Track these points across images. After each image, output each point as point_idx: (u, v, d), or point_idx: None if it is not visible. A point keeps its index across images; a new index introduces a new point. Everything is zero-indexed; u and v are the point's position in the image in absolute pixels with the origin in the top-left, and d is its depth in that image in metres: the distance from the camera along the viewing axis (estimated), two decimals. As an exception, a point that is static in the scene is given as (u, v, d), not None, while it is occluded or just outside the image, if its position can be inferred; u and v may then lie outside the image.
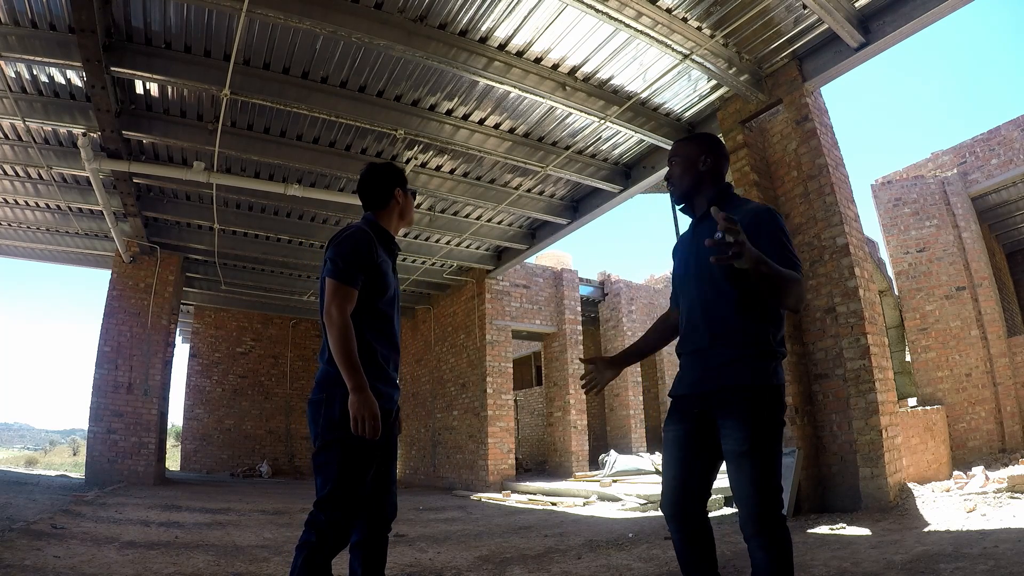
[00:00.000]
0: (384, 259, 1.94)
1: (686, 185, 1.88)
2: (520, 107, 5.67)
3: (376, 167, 2.11)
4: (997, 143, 8.88)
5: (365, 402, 1.70)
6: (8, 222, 8.34)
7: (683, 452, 1.75)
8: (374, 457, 1.81)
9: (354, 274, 1.82)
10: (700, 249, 1.71)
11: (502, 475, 9.41)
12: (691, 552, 1.73)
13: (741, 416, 1.62)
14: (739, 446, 1.61)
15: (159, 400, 8.27)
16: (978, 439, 7.94)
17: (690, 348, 1.78)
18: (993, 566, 2.53)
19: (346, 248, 1.84)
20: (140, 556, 3.40)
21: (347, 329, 1.75)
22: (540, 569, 3.30)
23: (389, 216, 2.08)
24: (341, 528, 1.72)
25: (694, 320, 1.78)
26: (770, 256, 1.57)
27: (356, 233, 1.88)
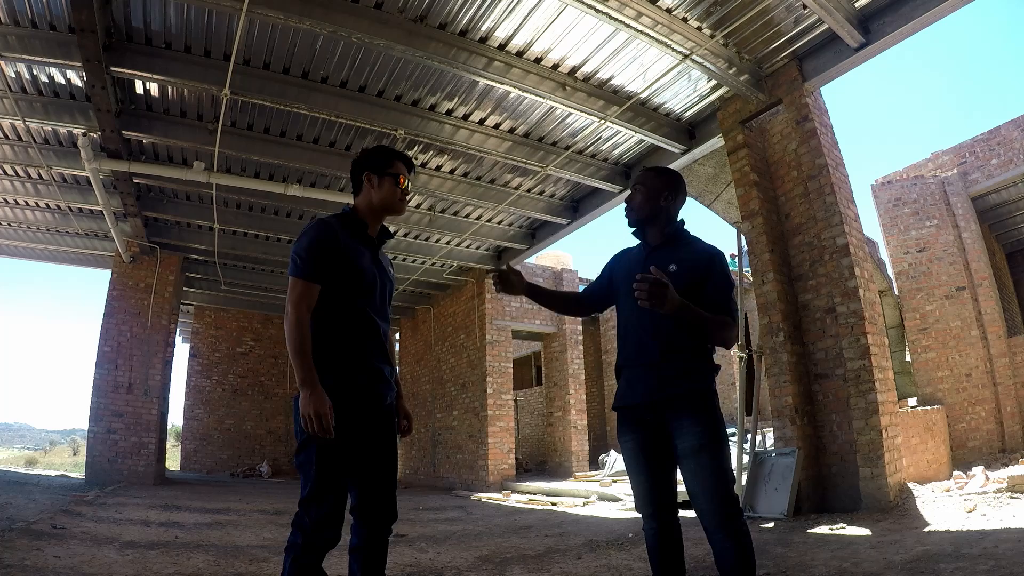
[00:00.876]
0: (354, 249, 1.84)
1: (644, 214, 2.02)
2: (520, 107, 5.67)
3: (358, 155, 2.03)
4: (997, 143, 8.88)
5: (310, 399, 1.63)
6: (8, 222, 8.35)
7: (645, 456, 1.89)
8: (351, 455, 1.75)
9: (310, 269, 1.75)
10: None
11: (502, 475, 9.41)
12: (664, 549, 1.85)
13: (696, 414, 1.80)
14: (698, 440, 1.77)
15: (159, 400, 8.27)
16: (978, 439, 7.94)
17: (642, 361, 1.91)
18: (993, 566, 2.53)
19: (303, 243, 1.78)
20: (140, 556, 3.40)
21: (298, 325, 1.70)
22: (540, 569, 3.30)
23: (364, 203, 1.95)
24: (325, 528, 1.67)
25: (643, 337, 1.91)
26: (711, 298, 1.85)
27: (315, 226, 1.81)
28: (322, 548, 1.68)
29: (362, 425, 1.77)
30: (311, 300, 1.74)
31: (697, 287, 1.87)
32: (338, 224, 1.86)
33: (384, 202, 1.94)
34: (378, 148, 2.00)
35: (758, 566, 2.94)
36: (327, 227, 1.81)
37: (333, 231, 1.81)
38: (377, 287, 1.89)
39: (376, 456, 1.83)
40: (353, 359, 1.79)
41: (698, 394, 1.82)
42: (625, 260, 2.10)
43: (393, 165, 1.95)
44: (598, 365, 13.90)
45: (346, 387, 1.75)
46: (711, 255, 1.94)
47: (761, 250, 5.07)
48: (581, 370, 10.92)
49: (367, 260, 1.87)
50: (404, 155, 2.02)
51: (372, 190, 1.93)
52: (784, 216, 5.27)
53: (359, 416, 1.76)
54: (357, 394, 1.77)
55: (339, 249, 1.79)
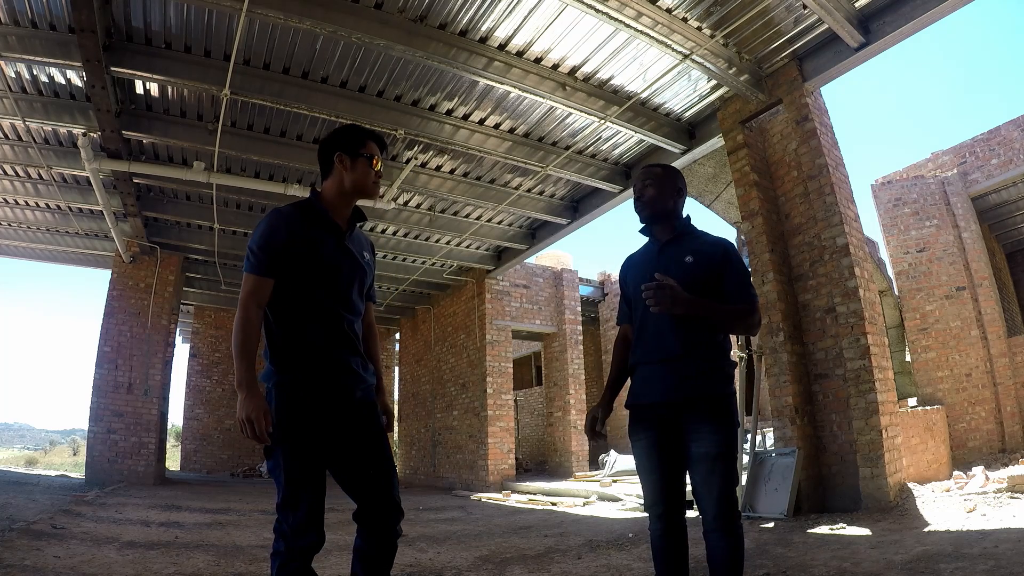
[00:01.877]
0: (312, 237, 1.72)
1: (658, 208, 2.02)
2: (520, 107, 5.67)
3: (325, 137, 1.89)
4: (997, 143, 8.88)
5: (244, 403, 1.53)
6: (8, 222, 8.35)
7: (659, 455, 1.87)
8: (319, 455, 1.65)
9: (260, 262, 1.65)
10: (668, 268, 1.91)
11: (502, 475, 9.41)
12: (669, 549, 1.86)
13: (717, 422, 1.80)
14: (715, 448, 1.78)
15: (159, 400, 8.27)
16: (978, 439, 7.94)
17: (658, 357, 1.89)
18: (993, 566, 2.53)
19: (254, 236, 1.69)
20: (140, 556, 3.40)
21: (243, 322, 1.61)
22: (540, 569, 3.30)
23: (332, 187, 1.83)
24: (304, 532, 1.59)
25: (663, 333, 1.89)
26: (732, 288, 1.88)
27: (267, 218, 1.71)
28: (305, 552, 1.61)
29: (328, 422, 1.66)
30: (261, 296, 1.65)
31: (715, 278, 1.90)
32: (295, 213, 1.75)
33: (356, 185, 1.82)
34: (349, 127, 1.88)
35: (758, 566, 2.96)
36: (278, 217, 1.70)
37: (285, 221, 1.70)
38: (342, 276, 1.76)
39: (354, 454, 1.71)
40: (313, 353, 1.68)
41: (719, 400, 1.82)
42: (637, 261, 2.10)
43: (366, 145, 1.84)
44: (598, 365, 13.90)
45: (306, 383, 1.65)
46: (724, 246, 1.96)
47: (761, 250, 5.07)
48: (581, 370, 10.92)
49: (329, 248, 1.75)
50: (377, 134, 1.89)
51: (344, 172, 1.81)
52: (784, 216, 5.27)
53: (323, 413, 1.65)
54: (319, 390, 1.66)
55: (293, 239, 1.68)
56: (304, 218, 1.75)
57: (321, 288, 1.71)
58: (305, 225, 1.73)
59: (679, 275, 1.87)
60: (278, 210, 1.74)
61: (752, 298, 1.90)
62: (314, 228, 1.74)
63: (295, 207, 1.78)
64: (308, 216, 1.76)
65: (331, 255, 1.74)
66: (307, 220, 1.75)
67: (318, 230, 1.75)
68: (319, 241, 1.73)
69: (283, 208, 1.76)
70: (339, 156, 1.82)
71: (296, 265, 1.68)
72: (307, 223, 1.74)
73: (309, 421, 1.63)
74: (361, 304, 1.84)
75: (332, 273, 1.74)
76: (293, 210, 1.76)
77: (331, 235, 1.77)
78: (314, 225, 1.75)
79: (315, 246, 1.72)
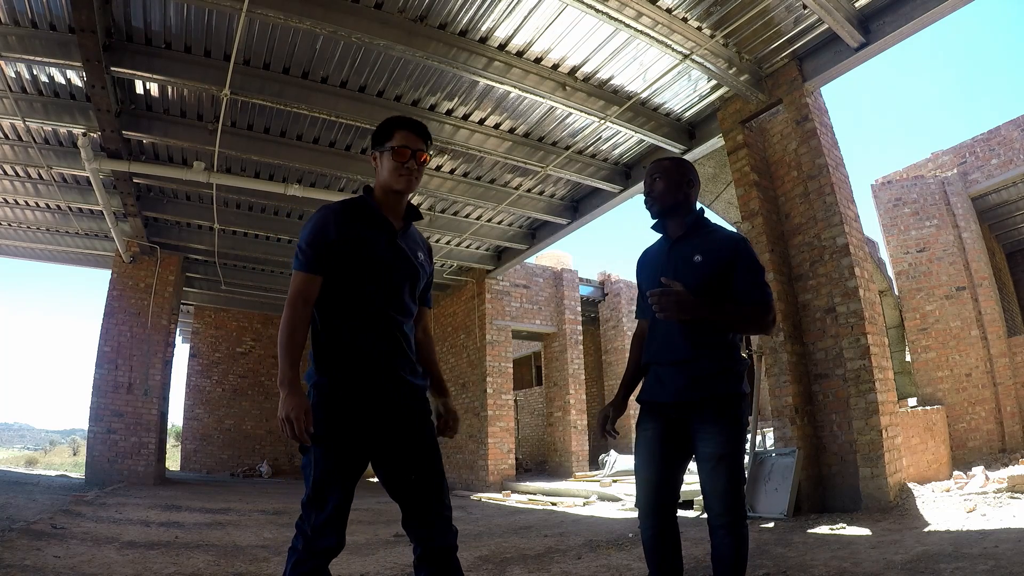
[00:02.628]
0: (361, 235, 1.67)
1: (669, 202, 1.97)
2: (520, 107, 5.67)
3: None
4: (997, 143, 8.88)
5: (285, 401, 1.51)
6: (8, 222, 8.35)
7: (659, 452, 1.88)
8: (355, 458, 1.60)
9: (308, 259, 1.62)
10: (677, 267, 1.90)
11: (502, 475, 9.41)
12: (662, 548, 1.85)
13: (722, 423, 1.80)
14: (719, 449, 1.78)
15: (159, 400, 8.27)
16: (978, 439, 7.93)
17: (669, 359, 1.89)
18: (993, 566, 2.52)
19: (304, 233, 1.66)
20: (140, 556, 3.40)
21: (289, 320, 1.60)
22: (540, 569, 3.30)
23: (377, 184, 1.78)
24: (325, 534, 1.55)
25: (672, 333, 1.88)
26: (743, 287, 1.84)
27: (315, 215, 1.68)
28: (323, 554, 1.56)
29: (366, 426, 1.61)
30: (309, 294, 1.62)
31: (725, 277, 1.86)
32: (345, 209, 1.70)
33: (384, 180, 1.73)
34: (384, 121, 1.77)
35: (758, 566, 2.96)
36: (328, 214, 1.66)
37: (335, 217, 1.66)
38: (392, 275, 1.69)
39: (396, 459, 1.65)
40: (355, 354, 1.63)
41: (727, 400, 1.81)
42: (650, 258, 2.07)
43: (392, 136, 1.72)
44: (598, 365, 13.89)
45: (346, 384, 1.61)
46: (735, 242, 1.90)
47: (761, 250, 5.07)
48: (581, 370, 10.92)
49: (380, 246, 1.68)
50: (411, 122, 1.75)
51: (377, 168, 1.75)
52: (784, 216, 5.27)
53: (361, 416, 1.60)
54: (358, 392, 1.61)
55: (343, 236, 1.64)
56: (355, 215, 1.69)
57: (369, 287, 1.65)
58: (356, 222, 1.68)
59: (688, 276, 1.85)
60: (328, 207, 1.70)
61: (765, 297, 1.84)
62: (365, 225, 1.69)
63: (346, 204, 1.73)
64: (359, 213, 1.71)
65: (381, 253, 1.68)
66: (358, 217, 1.69)
67: (369, 227, 1.69)
68: (370, 239, 1.68)
69: (334, 204, 1.71)
70: (372, 154, 1.79)
71: (345, 263, 1.63)
72: (358, 220, 1.69)
73: (345, 423, 1.59)
74: (413, 306, 1.76)
75: (382, 272, 1.67)
76: (344, 207, 1.71)
77: (383, 233, 1.71)
78: (365, 222, 1.69)
79: (365, 244, 1.66)
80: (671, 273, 1.90)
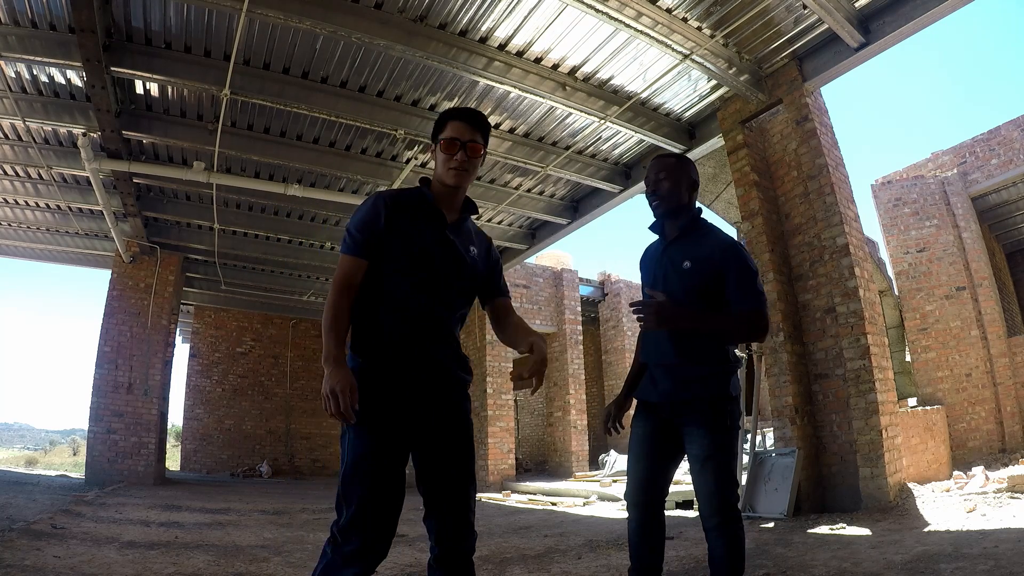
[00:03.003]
0: (412, 225, 1.63)
1: (674, 202, 1.95)
2: (520, 107, 5.67)
3: None
4: (997, 143, 8.88)
5: (330, 376, 1.45)
6: (8, 222, 8.35)
7: (651, 448, 1.92)
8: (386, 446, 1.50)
9: (356, 243, 1.59)
10: (667, 273, 1.93)
11: (502, 475, 9.41)
12: (646, 540, 1.88)
13: (708, 425, 1.82)
14: (705, 451, 1.81)
15: (159, 400, 8.27)
16: (978, 439, 7.93)
17: (660, 362, 1.93)
18: (993, 566, 2.52)
19: (354, 217, 1.65)
20: (140, 556, 3.40)
21: (334, 302, 1.55)
22: (540, 569, 3.30)
23: (434, 176, 1.74)
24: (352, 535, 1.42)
25: (661, 337, 1.90)
26: (735, 293, 1.82)
27: (369, 199, 1.66)
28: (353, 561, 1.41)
29: (396, 415, 1.52)
30: (353, 276, 1.58)
31: (714, 284, 1.84)
32: (398, 197, 1.66)
33: (439, 173, 1.70)
34: (441, 113, 1.77)
35: (758, 566, 2.96)
36: (380, 201, 1.63)
37: (386, 204, 1.62)
38: (435, 266, 1.62)
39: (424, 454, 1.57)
40: (389, 342, 1.56)
41: (713, 402, 1.83)
42: (648, 258, 2.09)
43: (444, 128, 1.70)
44: (598, 365, 13.89)
45: (382, 368, 1.54)
46: (727, 247, 1.87)
47: (761, 250, 5.07)
48: (581, 370, 10.92)
49: (427, 237, 1.63)
50: (465, 112, 1.71)
51: (435, 162, 1.72)
52: (784, 216, 5.27)
53: (390, 405, 1.52)
54: (395, 376, 1.54)
55: (392, 224, 1.60)
56: (407, 204, 1.66)
57: (411, 277, 1.60)
58: (407, 211, 1.64)
59: (676, 283, 1.88)
60: (381, 193, 1.67)
61: (757, 303, 1.82)
62: (416, 215, 1.65)
63: (400, 192, 1.70)
64: (412, 202, 1.67)
65: (429, 245, 1.63)
66: (410, 206, 1.66)
67: (419, 218, 1.65)
68: (418, 229, 1.63)
69: (387, 192, 1.69)
70: (430, 147, 1.77)
71: (391, 251, 1.60)
72: (410, 209, 1.65)
73: (380, 406, 1.51)
74: (460, 301, 1.69)
75: (427, 263, 1.61)
76: (397, 195, 1.67)
77: (432, 224, 1.66)
78: (416, 212, 1.66)
79: (413, 234, 1.62)
80: (661, 278, 1.93)
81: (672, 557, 3.39)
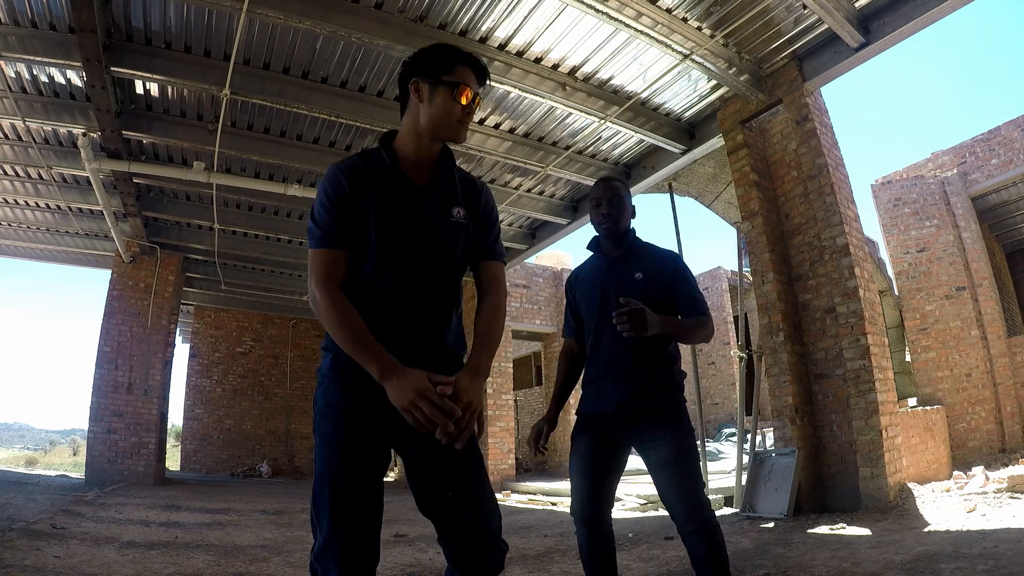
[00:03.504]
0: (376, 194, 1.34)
1: (625, 225, 2.07)
2: (520, 107, 5.67)
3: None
4: (997, 143, 8.88)
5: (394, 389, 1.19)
6: (8, 222, 8.35)
7: (595, 463, 1.93)
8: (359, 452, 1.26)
9: (326, 233, 1.31)
10: (620, 286, 1.96)
11: (502, 475, 9.41)
12: (598, 552, 1.91)
13: (673, 428, 1.86)
14: (674, 454, 1.83)
15: (159, 400, 8.27)
16: (978, 439, 7.93)
17: (615, 371, 1.94)
18: (993, 566, 2.52)
19: (314, 205, 1.36)
20: (140, 556, 3.40)
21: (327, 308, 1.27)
22: (540, 569, 3.30)
23: (408, 124, 1.39)
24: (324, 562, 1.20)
25: (618, 348, 1.92)
26: (685, 300, 1.95)
27: (325, 178, 1.36)
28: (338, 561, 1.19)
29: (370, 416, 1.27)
30: (335, 270, 1.30)
31: (665, 294, 1.96)
32: (356, 164, 1.37)
33: (434, 123, 1.36)
34: (438, 46, 1.40)
35: (758, 566, 2.96)
36: (337, 174, 1.34)
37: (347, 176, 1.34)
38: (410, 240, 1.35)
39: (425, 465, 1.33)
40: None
41: (672, 408, 1.90)
42: (585, 277, 2.13)
43: (453, 71, 1.36)
44: (598, 365, 13.89)
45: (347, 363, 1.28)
46: (671, 258, 2.03)
47: (761, 250, 5.07)
48: (581, 370, 10.91)
49: (397, 206, 1.36)
50: (472, 58, 1.40)
51: (420, 105, 1.36)
52: (784, 216, 5.26)
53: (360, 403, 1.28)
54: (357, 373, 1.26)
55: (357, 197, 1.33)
56: (368, 170, 1.37)
57: (380, 255, 1.34)
58: (368, 179, 1.35)
59: (631, 293, 1.92)
60: (336, 166, 1.37)
61: (705, 309, 1.96)
62: (379, 181, 1.36)
63: (358, 157, 1.40)
64: (372, 167, 1.38)
65: (397, 215, 1.35)
66: (371, 172, 1.37)
67: (384, 184, 1.36)
68: (383, 198, 1.35)
69: (341, 163, 1.38)
70: (415, 83, 1.37)
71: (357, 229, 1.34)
72: (371, 176, 1.36)
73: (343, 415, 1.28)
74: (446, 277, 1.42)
75: (396, 236, 1.35)
76: (355, 162, 1.38)
77: (401, 189, 1.37)
78: (379, 178, 1.36)
79: (377, 204, 1.34)
80: (613, 291, 1.97)
81: (672, 557, 3.40)
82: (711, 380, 13.93)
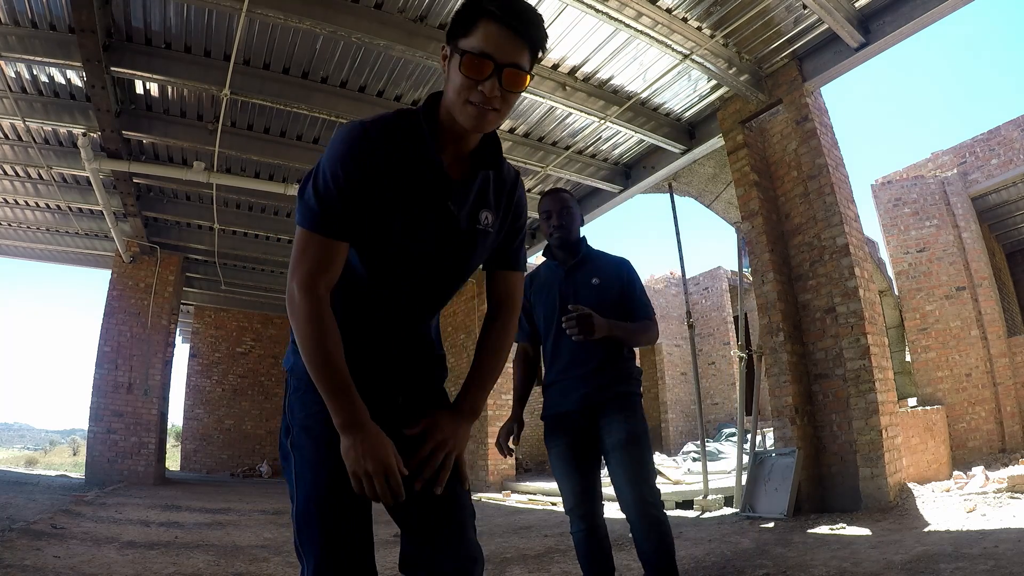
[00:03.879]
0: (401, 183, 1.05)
1: (576, 234, 2.18)
2: (520, 107, 5.67)
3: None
4: (997, 143, 8.88)
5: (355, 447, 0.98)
6: (8, 222, 8.35)
7: (575, 459, 2.01)
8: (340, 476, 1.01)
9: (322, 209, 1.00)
10: (578, 291, 2.07)
11: (502, 475, 9.40)
12: (593, 549, 1.96)
13: (624, 412, 1.96)
14: (624, 435, 1.91)
15: (159, 400, 8.27)
16: (978, 439, 7.93)
17: (578, 372, 2.04)
18: (993, 566, 2.52)
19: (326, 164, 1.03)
20: (140, 556, 3.40)
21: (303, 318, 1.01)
22: (540, 569, 3.30)
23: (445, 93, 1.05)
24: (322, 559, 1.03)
25: (577, 351, 2.02)
26: (636, 303, 2.09)
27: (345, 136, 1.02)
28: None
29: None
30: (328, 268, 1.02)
31: (620, 296, 2.10)
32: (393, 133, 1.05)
33: (447, 103, 1.04)
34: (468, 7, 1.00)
35: (758, 566, 2.96)
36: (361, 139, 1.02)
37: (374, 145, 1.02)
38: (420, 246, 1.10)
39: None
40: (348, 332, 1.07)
41: (628, 397, 2.01)
42: (542, 283, 2.19)
43: (472, 28, 0.98)
44: (598, 365, 13.89)
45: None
46: (624, 264, 2.18)
47: (761, 250, 5.07)
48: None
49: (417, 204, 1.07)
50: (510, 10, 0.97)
51: (446, 74, 1.05)
52: (784, 216, 5.26)
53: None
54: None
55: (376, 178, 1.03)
56: (402, 143, 1.05)
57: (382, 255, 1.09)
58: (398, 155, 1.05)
59: (588, 298, 2.03)
60: (364, 126, 1.03)
61: (652, 312, 2.12)
62: (410, 163, 1.06)
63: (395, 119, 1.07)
64: (407, 139, 1.06)
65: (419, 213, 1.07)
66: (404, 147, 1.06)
67: (414, 168, 1.06)
68: (407, 188, 1.06)
69: (372, 124, 1.04)
70: (444, 49, 1.06)
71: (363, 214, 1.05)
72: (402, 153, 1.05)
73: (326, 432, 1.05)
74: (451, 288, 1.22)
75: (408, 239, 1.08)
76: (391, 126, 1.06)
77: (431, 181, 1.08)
78: (411, 157, 1.06)
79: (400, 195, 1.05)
80: (571, 296, 2.06)
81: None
82: (711, 380, 13.91)
